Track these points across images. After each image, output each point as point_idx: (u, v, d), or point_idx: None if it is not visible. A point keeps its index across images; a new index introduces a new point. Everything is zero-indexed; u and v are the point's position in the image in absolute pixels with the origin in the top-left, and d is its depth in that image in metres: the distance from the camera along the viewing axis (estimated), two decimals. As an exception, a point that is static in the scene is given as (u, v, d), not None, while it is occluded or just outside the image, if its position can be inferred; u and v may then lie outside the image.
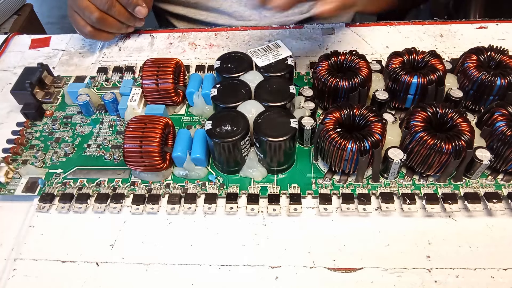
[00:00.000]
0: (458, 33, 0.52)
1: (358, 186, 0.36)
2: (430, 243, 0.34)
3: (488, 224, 0.35)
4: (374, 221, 0.35)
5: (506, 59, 0.39)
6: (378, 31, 0.53)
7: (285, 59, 0.41)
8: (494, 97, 0.39)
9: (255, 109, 0.37)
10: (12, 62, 0.53)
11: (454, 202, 0.35)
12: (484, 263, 0.32)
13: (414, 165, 0.36)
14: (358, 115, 0.36)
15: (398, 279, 0.32)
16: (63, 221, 0.37)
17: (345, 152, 0.34)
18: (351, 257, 0.33)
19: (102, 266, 0.34)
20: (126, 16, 0.50)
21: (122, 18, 0.50)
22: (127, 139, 0.36)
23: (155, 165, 0.36)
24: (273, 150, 0.35)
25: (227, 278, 0.33)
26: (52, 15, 1.60)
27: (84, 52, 0.54)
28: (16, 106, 0.45)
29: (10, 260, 0.35)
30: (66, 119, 0.44)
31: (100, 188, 0.38)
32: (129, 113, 0.41)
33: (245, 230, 0.35)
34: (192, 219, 0.36)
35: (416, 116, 0.35)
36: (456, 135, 0.33)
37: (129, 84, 0.43)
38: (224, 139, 0.34)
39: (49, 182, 0.39)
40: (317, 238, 0.35)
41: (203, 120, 0.43)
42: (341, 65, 0.41)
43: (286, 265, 0.33)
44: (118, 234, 0.36)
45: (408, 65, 0.40)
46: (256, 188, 0.37)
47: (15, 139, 0.42)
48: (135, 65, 0.50)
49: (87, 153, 0.41)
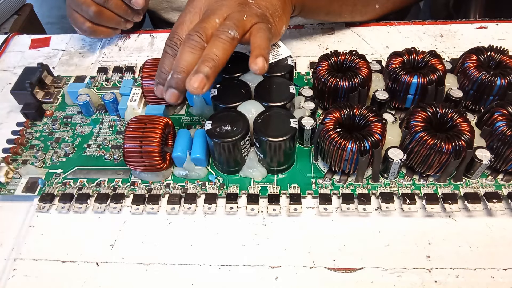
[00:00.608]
0: (458, 33, 0.52)
1: (358, 186, 0.36)
2: (430, 243, 0.34)
3: (488, 224, 0.35)
4: (374, 221, 0.35)
5: (506, 59, 0.39)
6: (378, 31, 0.53)
7: (285, 59, 0.41)
8: (494, 97, 0.39)
9: (255, 109, 0.37)
10: (12, 62, 0.53)
11: (454, 202, 0.35)
12: (484, 263, 0.32)
13: (414, 165, 0.36)
14: (358, 115, 0.36)
15: (398, 279, 0.32)
16: (63, 221, 0.37)
17: (345, 152, 0.34)
18: (351, 257, 0.33)
19: (102, 266, 0.34)
20: (123, 9, 0.50)
21: (119, 11, 0.49)
22: (127, 139, 0.36)
23: (155, 165, 0.36)
24: (273, 150, 0.35)
25: (227, 278, 0.33)
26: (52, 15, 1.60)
27: (84, 52, 0.54)
28: (16, 106, 0.45)
29: (10, 260, 0.35)
30: (66, 119, 0.44)
31: (100, 188, 0.38)
32: (129, 113, 0.41)
33: (245, 230, 0.35)
34: (192, 219, 0.36)
35: (416, 116, 0.35)
36: (456, 135, 0.33)
37: (129, 84, 0.43)
38: (224, 139, 0.34)
39: (49, 182, 0.39)
40: (317, 238, 0.35)
41: (203, 120, 0.43)
42: (341, 65, 0.41)
43: (286, 265, 0.33)
44: (118, 234, 0.36)
45: (408, 65, 0.40)
46: (256, 188, 0.37)
47: (15, 139, 0.42)
48: (135, 65, 0.50)
49: (87, 153, 0.41)
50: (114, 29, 0.53)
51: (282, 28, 0.39)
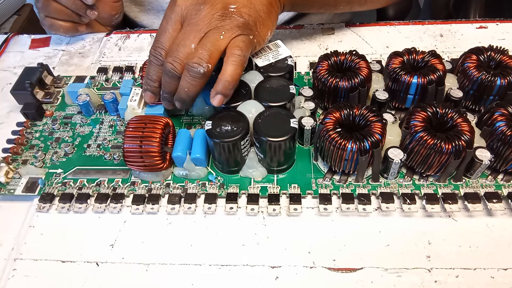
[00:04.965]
0: (458, 33, 0.52)
1: (358, 186, 0.36)
2: (430, 243, 0.34)
3: (488, 224, 0.35)
4: (374, 221, 0.35)
5: (506, 59, 0.39)
6: (378, 31, 0.53)
7: (285, 59, 0.41)
8: (494, 97, 0.39)
9: (255, 109, 0.37)
10: (12, 62, 0.53)
11: (454, 202, 0.35)
12: (484, 263, 0.32)
13: (414, 165, 0.36)
14: (358, 115, 0.36)
15: (398, 279, 0.32)
16: (63, 221, 0.37)
17: (345, 152, 0.34)
18: (351, 257, 0.33)
19: (102, 266, 0.34)
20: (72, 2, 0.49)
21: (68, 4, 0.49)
22: (127, 139, 0.36)
23: (155, 165, 0.36)
24: (273, 150, 0.35)
25: (227, 278, 0.33)
26: (52, 15, 1.60)
27: (84, 52, 0.54)
28: (16, 106, 0.45)
29: (10, 260, 0.35)
30: (66, 119, 0.44)
31: (100, 188, 0.38)
32: (129, 113, 0.41)
33: (245, 230, 0.35)
34: (192, 219, 0.36)
35: (416, 116, 0.35)
36: (456, 135, 0.33)
37: (129, 84, 0.43)
38: (224, 139, 0.34)
39: (49, 182, 0.39)
40: (317, 238, 0.35)
41: (203, 120, 0.43)
42: (341, 65, 0.41)
43: (286, 265, 0.33)
44: (118, 234, 0.36)
45: (408, 65, 0.40)
46: (256, 188, 0.37)
47: (15, 139, 0.42)
48: (135, 65, 0.50)
49: (87, 153, 0.41)
50: (77, 24, 0.53)
51: (267, 35, 0.39)
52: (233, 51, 0.35)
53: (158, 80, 0.38)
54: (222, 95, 0.35)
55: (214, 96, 0.35)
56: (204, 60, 0.34)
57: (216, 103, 0.36)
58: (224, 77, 0.35)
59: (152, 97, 0.39)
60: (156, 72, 0.37)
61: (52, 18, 0.51)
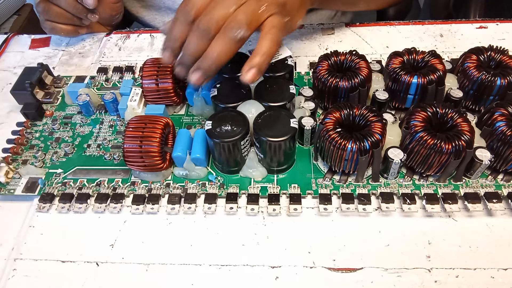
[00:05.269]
0: (458, 33, 0.52)
1: (358, 186, 0.36)
2: (430, 243, 0.34)
3: (488, 224, 0.35)
4: (374, 221, 0.35)
5: (506, 59, 0.39)
6: (378, 31, 0.53)
7: (285, 59, 0.41)
8: (494, 97, 0.39)
9: (255, 109, 0.37)
10: (12, 62, 0.53)
11: (454, 202, 0.35)
12: (484, 263, 0.32)
13: (414, 165, 0.36)
14: (358, 115, 0.36)
15: (398, 279, 0.32)
16: (63, 221, 0.37)
17: (345, 152, 0.34)
18: (351, 257, 0.33)
19: (102, 266, 0.34)
20: (73, 6, 0.49)
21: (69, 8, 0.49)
22: (127, 139, 0.36)
23: (155, 165, 0.36)
24: (273, 150, 0.35)
25: (227, 278, 0.33)
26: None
27: (84, 52, 0.54)
28: (16, 106, 0.45)
29: (10, 260, 0.35)
30: (66, 119, 0.44)
31: (100, 188, 0.38)
32: (129, 113, 0.41)
33: (245, 230, 0.35)
34: (192, 219, 0.36)
35: (416, 116, 0.35)
36: (456, 135, 0.33)
37: (129, 84, 0.43)
38: (224, 139, 0.34)
39: (49, 182, 0.39)
40: (317, 238, 0.35)
41: (203, 120, 0.43)
42: (341, 65, 0.41)
43: (286, 265, 0.33)
44: (118, 234, 0.36)
45: (408, 65, 0.40)
46: (256, 188, 0.37)
47: (15, 139, 0.42)
48: (135, 65, 0.50)
49: (87, 153, 0.41)
50: (77, 26, 0.53)
51: (296, 23, 0.38)
52: (271, 29, 0.33)
53: (181, 40, 0.34)
54: (257, 70, 0.32)
55: (248, 71, 0.32)
56: (245, 25, 0.32)
57: (249, 79, 0.32)
58: (261, 50, 0.32)
59: (171, 57, 0.36)
60: (182, 30, 0.34)
61: (53, 22, 0.51)
